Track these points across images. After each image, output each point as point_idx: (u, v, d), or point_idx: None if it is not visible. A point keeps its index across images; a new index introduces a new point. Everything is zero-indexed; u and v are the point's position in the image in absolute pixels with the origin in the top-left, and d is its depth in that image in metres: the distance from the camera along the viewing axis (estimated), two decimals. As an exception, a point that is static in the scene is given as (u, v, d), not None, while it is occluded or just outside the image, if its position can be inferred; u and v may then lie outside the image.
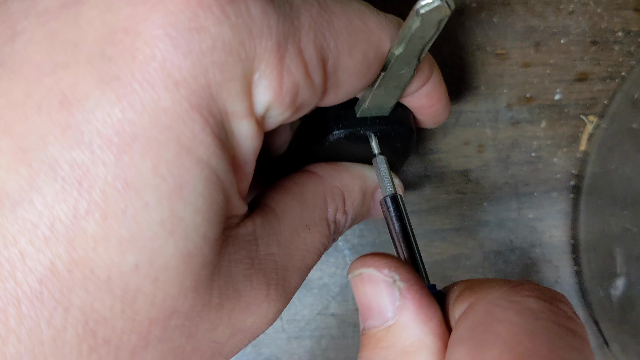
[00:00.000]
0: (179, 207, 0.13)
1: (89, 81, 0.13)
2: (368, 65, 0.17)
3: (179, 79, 0.13)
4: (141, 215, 0.13)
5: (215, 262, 0.15)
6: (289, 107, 0.15)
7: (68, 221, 0.13)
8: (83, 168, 0.13)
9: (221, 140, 0.14)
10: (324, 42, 0.15)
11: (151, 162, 0.13)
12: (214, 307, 0.15)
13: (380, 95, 0.19)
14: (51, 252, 0.13)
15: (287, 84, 0.15)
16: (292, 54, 0.15)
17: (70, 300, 0.13)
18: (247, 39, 0.14)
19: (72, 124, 0.13)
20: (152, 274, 0.13)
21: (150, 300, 0.14)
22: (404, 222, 0.19)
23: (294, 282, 0.18)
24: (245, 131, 0.15)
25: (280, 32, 0.14)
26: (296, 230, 0.18)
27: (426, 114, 0.21)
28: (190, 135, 0.13)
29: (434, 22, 0.15)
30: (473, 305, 0.15)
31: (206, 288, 0.15)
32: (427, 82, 0.20)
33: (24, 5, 0.14)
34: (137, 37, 0.13)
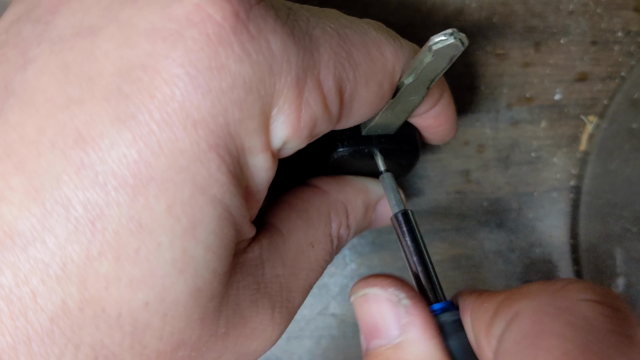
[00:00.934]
0: (191, 246, 0.13)
1: (105, 119, 0.12)
2: (382, 95, 0.17)
3: (198, 119, 0.13)
4: (153, 255, 0.13)
5: (223, 293, 0.15)
6: (306, 139, 0.15)
7: (80, 261, 0.12)
8: (97, 209, 0.12)
9: (236, 177, 0.14)
10: (344, 74, 0.15)
11: (166, 203, 0.13)
12: (220, 337, 0.15)
13: (387, 117, 0.19)
14: (63, 292, 0.12)
15: (305, 117, 0.14)
16: (311, 87, 0.14)
17: (80, 337, 0.13)
18: (267, 76, 0.13)
19: (87, 164, 0.12)
20: (161, 310, 0.13)
21: (159, 334, 0.14)
22: (416, 238, 0.19)
23: (297, 302, 0.18)
24: (260, 164, 0.15)
25: (299, 67, 0.14)
26: (301, 249, 0.18)
27: (433, 133, 0.21)
28: (207, 175, 0.13)
29: (446, 58, 0.15)
30: (517, 315, 0.14)
31: (214, 319, 0.15)
32: (436, 105, 0.19)
33: (36, 30, 0.13)
34: (156, 75, 0.12)
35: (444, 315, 0.17)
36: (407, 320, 0.16)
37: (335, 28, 0.15)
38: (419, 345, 0.16)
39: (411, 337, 0.16)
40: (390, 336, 0.16)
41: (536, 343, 0.13)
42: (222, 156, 0.13)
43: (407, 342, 0.16)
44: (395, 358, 0.16)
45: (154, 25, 0.13)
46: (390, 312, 0.16)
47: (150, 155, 0.12)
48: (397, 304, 0.16)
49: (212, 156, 0.13)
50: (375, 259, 0.29)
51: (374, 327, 0.17)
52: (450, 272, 0.29)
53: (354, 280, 0.29)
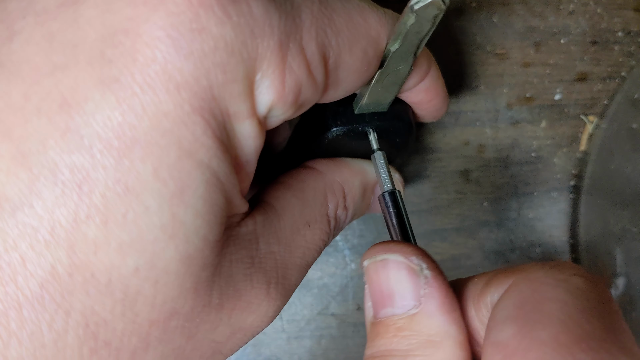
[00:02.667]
0: (179, 211, 0.13)
1: (89, 83, 0.13)
2: (368, 62, 0.17)
3: (181, 81, 0.13)
4: (142, 219, 0.13)
5: (215, 263, 0.15)
6: (291, 105, 0.15)
7: (68, 225, 0.12)
8: (83, 172, 0.12)
9: (222, 142, 0.14)
10: (326, 40, 0.15)
11: (152, 166, 0.13)
12: (214, 308, 0.15)
13: (377, 91, 0.19)
14: (52, 256, 0.12)
15: (289, 82, 0.15)
16: (295, 52, 0.14)
17: (71, 303, 0.13)
18: (249, 39, 0.13)
19: (72, 128, 0.12)
20: (152, 276, 0.13)
21: (151, 302, 0.14)
22: (402, 219, 0.19)
23: (294, 280, 0.18)
24: (247, 132, 0.15)
25: (282, 31, 0.14)
26: (296, 227, 0.18)
27: (425, 108, 0.21)
28: (192, 138, 0.13)
29: (429, 18, 0.15)
30: (516, 284, 0.14)
31: (206, 289, 0.15)
32: (425, 78, 0.20)
33: (22, 5, 0.14)
34: (137, 38, 0.13)
35: None
36: (426, 292, 0.15)
37: None
38: (436, 319, 0.15)
39: (428, 310, 0.15)
40: (406, 306, 0.15)
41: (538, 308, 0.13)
42: (207, 119, 0.13)
43: (423, 314, 0.15)
44: (408, 329, 0.15)
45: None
46: (410, 281, 0.16)
47: (134, 117, 0.12)
48: (418, 274, 0.16)
49: (196, 119, 0.13)
50: (375, 259, 0.29)
51: (388, 294, 0.16)
52: (450, 272, 0.29)
53: (354, 280, 0.29)
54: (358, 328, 0.29)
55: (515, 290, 0.14)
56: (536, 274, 0.14)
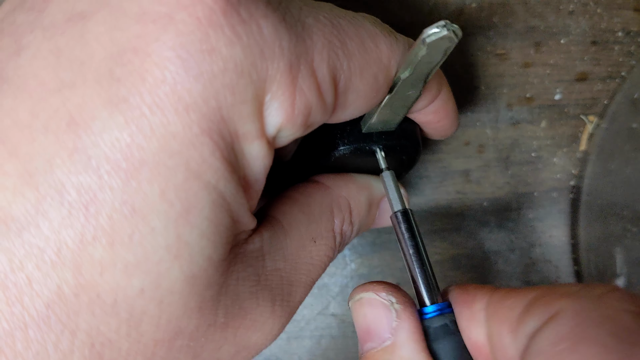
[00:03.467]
0: (185, 232, 0.13)
1: (97, 102, 0.12)
2: (377, 87, 0.17)
3: (190, 102, 0.13)
4: (147, 240, 0.13)
5: (221, 282, 0.15)
6: (300, 127, 0.15)
7: (75, 246, 0.12)
8: (90, 193, 0.12)
9: (230, 163, 0.14)
10: (337, 62, 0.15)
11: (159, 187, 0.13)
12: (219, 327, 0.15)
13: (386, 114, 0.19)
14: (58, 277, 0.12)
15: (299, 104, 0.14)
16: (305, 74, 0.14)
17: (77, 323, 0.13)
18: (259, 61, 0.13)
19: (80, 148, 0.12)
20: (157, 297, 0.13)
21: (156, 322, 0.14)
22: (415, 238, 0.19)
23: (299, 297, 0.18)
24: (256, 152, 0.15)
25: (292, 53, 0.14)
26: (302, 244, 0.18)
27: (434, 128, 0.21)
28: (200, 159, 0.13)
29: (441, 50, 0.15)
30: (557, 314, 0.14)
31: (211, 308, 0.15)
32: (435, 100, 0.19)
33: (29, 18, 0.13)
34: (146, 58, 0.12)
35: (436, 319, 0.17)
36: (397, 324, 0.17)
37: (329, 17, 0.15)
38: (406, 348, 0.16)
39: (400, 340, 0.16)
40: (382, 338, 0.17)
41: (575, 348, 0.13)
42: (215, 141, 0.13)
43: (396, 344, 0.16)
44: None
45: (144, 9, 0.13)
46: (383, 316, 0.17)
47: (143, 138, 0.12)
48: (389, 308, 0.17)
49: (205, 140, 0.13)
50: (375, 259, 0.29)
51: (367, 330, 0.17)
52: (450, 272, 0.29)
53: (354, 280, 0.29)
54: (358, 328, 0.29)
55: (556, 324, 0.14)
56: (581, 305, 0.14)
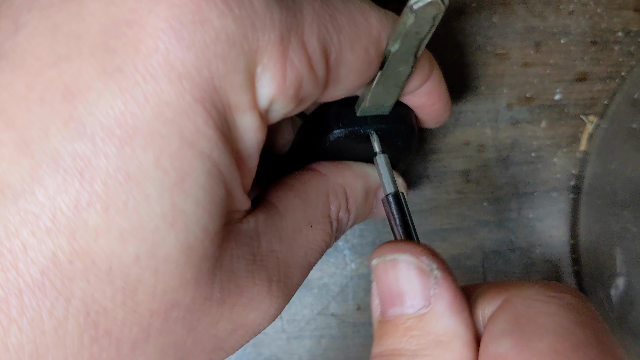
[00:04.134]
0: (180, 200, 0.13)
1: (92, 73, 0.13)
2: (369, 61, 0.17)
3: (183, 71, 0.13)
4: (142, 207, 0.13)
5: (216, 255, 0.15)
6: (292, 99, 0.15)
7: (69, 212, 0.13)
8: (85, 160, 0.13)
9: (224, 133, 0.14)
10: (327, 36, 0.15)
11: (153, 154, 0.13)
12: (215, 302, 0.15)
13: (379, 93, 0.19)
14: (53, 243, 0.13)
15: (290, 76, 0.15)
16: (296, 46, 0.15)
17: (71, 291, 0.13)
18: (250, 32, 0.14)
19: (75, 116, 0.13)
20: (152, 265, 0.13)
21: (151, 292, 0.14)
22: (406, 221, 0.19)
23: (296, 279, 0.18)
24: (248, 124, 0.15)
25: (283, 25, 0.14)
26: (299, 227, 0.18)
27: (427, 112, 0.21)
28: (193, 128, 0.13)
29: (429, 18, 0.15)
30: (509, 300, 0.15)
31: (207, 281, 0.15)
32: (428, 81, 0.20)
33: None
34: (140, 29, 0.13)
35: None
36: (436, 292, 0.16)
37: None
38: (445, 319, 0.15)
39: (438, 310, 0.15)
40: (415, 306, 0.16)
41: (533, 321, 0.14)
42: (208, 110, 0.13)
43: (432, 314, 0.15)
44: (417, 328, 0.15)
45: None
46: (420, 281, 0.16)
47: (136, 106, 0.13)
48: (429, 274, 0.16)
49: (198, 109, 0.13)
50: (375, 259, 0.29)
51: (397, 294, 0.16)
52: (450, 272, 0.29)
53: (354, 280, 0.29)
54: (358, 328, 0.29)
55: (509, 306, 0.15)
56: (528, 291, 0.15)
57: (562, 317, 0.14)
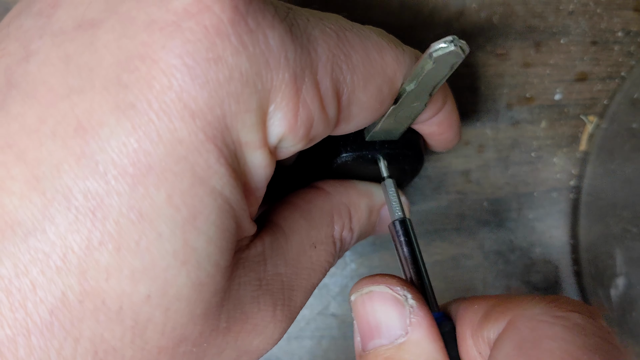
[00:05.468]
0: (192, 237, 0.13)
1: (105, 108, 0.12)
2: (382, 100, 0.17)
3: (196, 109, 0.13)
4: (154, 246, 0.13)
5: (225, 288, 0.15)
6: (303, 138, 0.15)
7: (81, 252, 0.12)
8: (97, 198, 0.12)
9: (234, 170, 0.14)
10: (341, 76, 0.15)
11: (166, 192, 0.13)
12: (221, 332, 0.15)
13: (390, 124, 0.19)
14: (63, 283, 0.12)
15: (302, 116, 0.15)
16: (309, 86, 0.14)
17: (80, 331, 0.13)
18: (264, 70, 0.13)
19: (87, 153, 0.12)
20: (164, 304, 0.13)
21: (161, 329, 0.14)
22: (413, 247, 0.19)
23: (300, 301, 0.18)
24: (258, 161, 0.15)
25: (297, 64, 0.14)
26: (303, 249, 0.18)
27: (437, 140, 0.21)
28: (205, 165, 0.13)
29: (447, 65, 0.15)
30: (513, 322, 0.15)
31: (216, 314, 0.15)
32: (440, 112, 0.19)
33: (38, 23, 0.13)
34: (153, 65, 0.13)
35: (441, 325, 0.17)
36: (413, 321, 0.16)
37: (335, 29, 0.15)
38: (423, 347, 0.16)
39: (415, 338, 0.16)
40: (393, 336, 0.16)
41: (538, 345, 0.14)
42: (220, 148, 0.13)
43: (410, 342, 0.16)
44: (397, 358, 0.16)
45: (152, 17, 0.13)
46: (396, 312, 0.16)
47: (149, 144, 0.12)
48: (404, 304, 0.16)
49: (210, 147, 0.13)
50: (375, 259, 0.29)
51: (375, 326, 0.16)
52: (450, 272, 0.29)
53: (354, 280, 0.29)
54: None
55: (514, 330, 0.15)
56: (533, 311, 0.15)
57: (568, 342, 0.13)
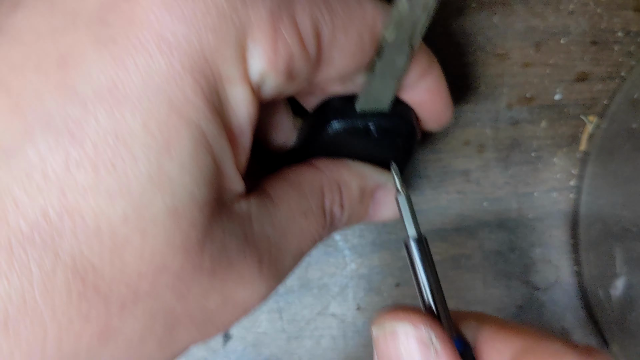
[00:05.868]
0: (166, 164, 0.14)
1: (87, 43, 0.13)
2: (362, 46, 0.17)
3: (173, 42, 0.14)
4: (130, 168, 0.14)
5: (206, 226, 0.15)
6: (283, 74, 0.16)
7: (60, 171, 0.13)
8: (76, 122, 0.13)
9: (213, 104, 0.15)
10: (320, 16, 0.16)
11: (142, 119, 0.14)
12: (206, 272, 0.15)
13: (377, 86, 0.19)
14: (44, 200, 0.13)
15: (281, 50, 0.15)
16: (287, 22, 0.15)
17: (60, 246, 0.13)
18: (240, 6, 0.14)
19: (68, 83, 0.13)
20: (140, 226, 0.14)
21: (139, 253, 0.14)
22: (431, 271, 0.18)
23: (287, 264, 0.18)
24: (240, 96, 0.15)
25: (274, 2, 0.15)
26: (292, 216, 0.19)
27: (428, 110, 0.21)
28: (182, 97, 0.14)
29: (422, 5, 0.16)
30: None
31: (197, 250, 0.15)
32: (427, 76, 0.20)
33: None
34: (135, 4, 0.14)
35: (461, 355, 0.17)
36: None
37: None
38: None
39: None
40: None
41: None
42: (197, 80, 0.14)
43: None
44: None
45: None
46: (419, 353, 0.16)
47: (127, 74, 0.13)
48: (429, 346, 0.16)
49: (187, 79, 0.14)
50: (375, 259, 0.29)
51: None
52: (450, 272, 0.29)
53: (354, 280, 0.29)
54: (358, 328, 0.29)
55: None
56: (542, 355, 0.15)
57: None
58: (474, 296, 0.29)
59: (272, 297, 0.29)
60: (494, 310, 0.30)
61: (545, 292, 0.30)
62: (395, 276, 0.29)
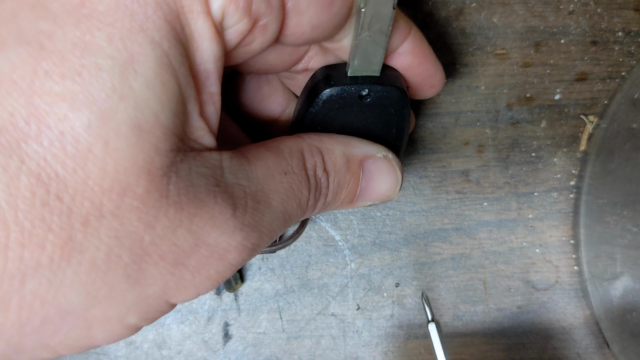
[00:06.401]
0: (130, 77, 0.15)
1: None
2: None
3: None
4: (95, 77, 0.14)
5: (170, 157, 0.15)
6: (244, 12, 0.16)
7: (29, 79, 0.14)
8: (46, 35, 0.14)
9: (175, 29, 0.15)
10: None
11: (106, 33, 0.14)
12: (172, 204, 0.16)
13: (366, 44, 0.19)
14: (11, 106, 0.14)
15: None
16: None
17: (26, 151, 0.14)
18: None
19: (41, 2, 0.14)
20: (103, 134, 0.14)
21: (102, 166, 0.14)
22: None
23: (269, 219, 0.18)
24: (202, 30, 0.16)
25: None
26: (270, 173, 0.19)
27: (418, 74, 0.21)
28: (143, 15, 0.15)
29: None
30: None
31: (162, 178, 0.15)
32: (409, 38, 0.20)
33: None
34: None
35: None
36: None
37: None
38: None
39: None
40: None
41: None
42: (159, 3, 0.15)
43: None
44: None
45: None
46: None
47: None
48: None
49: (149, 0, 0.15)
50: (375, 259, 0.29)
51: None
52: (450, 272, 0.29)
53: (354, 280, 0.29)
54: (358, 328, 0.29)
55: None
56: None
57: None
58: (474, 296, 0.29)
59: (272, 297, 0.29)
60: (494, 310, 0.30)
61: (545, 292, 0.30)
62: (395, 276, 0.29)
